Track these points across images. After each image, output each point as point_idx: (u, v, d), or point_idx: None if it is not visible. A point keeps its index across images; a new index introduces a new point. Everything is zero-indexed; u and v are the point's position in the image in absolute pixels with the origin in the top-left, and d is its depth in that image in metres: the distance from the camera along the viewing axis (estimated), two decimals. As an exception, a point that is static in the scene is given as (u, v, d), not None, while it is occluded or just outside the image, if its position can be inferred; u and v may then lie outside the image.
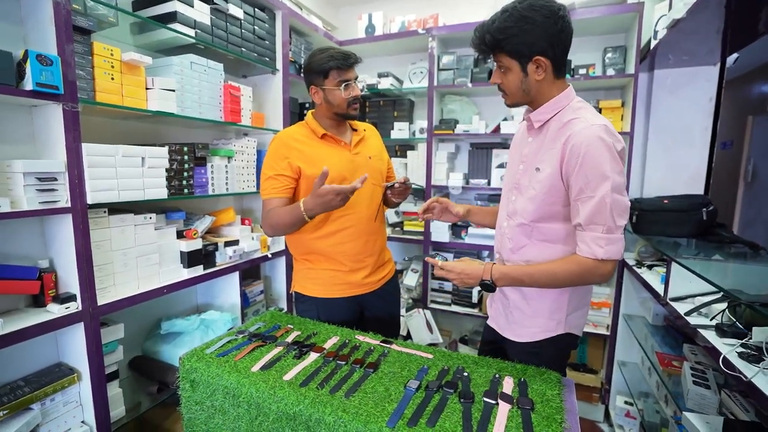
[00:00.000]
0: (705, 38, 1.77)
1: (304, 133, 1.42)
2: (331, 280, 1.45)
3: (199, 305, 2.06)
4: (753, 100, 2.94)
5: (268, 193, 1.36)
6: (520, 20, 0.97)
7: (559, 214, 1.06)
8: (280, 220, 1.31)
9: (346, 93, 1.36)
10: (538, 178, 1.06)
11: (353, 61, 1.37)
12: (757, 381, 0.92)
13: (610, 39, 2.35)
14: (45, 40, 1.18)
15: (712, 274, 1.36)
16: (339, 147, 1.43)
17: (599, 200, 0.95)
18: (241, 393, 1.01)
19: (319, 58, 1.35)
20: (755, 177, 2.90)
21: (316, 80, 1.37)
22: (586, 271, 0.99)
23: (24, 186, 1.14)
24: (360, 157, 1.45)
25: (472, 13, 2.74)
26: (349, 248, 1.43)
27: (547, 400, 0.97)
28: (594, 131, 0.96)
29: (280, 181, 1.36)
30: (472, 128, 2.50)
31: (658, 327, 2.01)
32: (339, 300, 1.45)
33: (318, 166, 1.33)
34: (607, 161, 0.95)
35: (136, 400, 1.70)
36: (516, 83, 1.05)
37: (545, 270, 1.03)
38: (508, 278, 1.05)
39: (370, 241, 1.47)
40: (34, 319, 1.20)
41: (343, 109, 1.38)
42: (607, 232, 0.96)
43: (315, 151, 1.39)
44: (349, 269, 1.44)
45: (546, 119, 1.08)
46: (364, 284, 1.47)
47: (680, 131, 2.26)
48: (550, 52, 1.00)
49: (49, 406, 1.28)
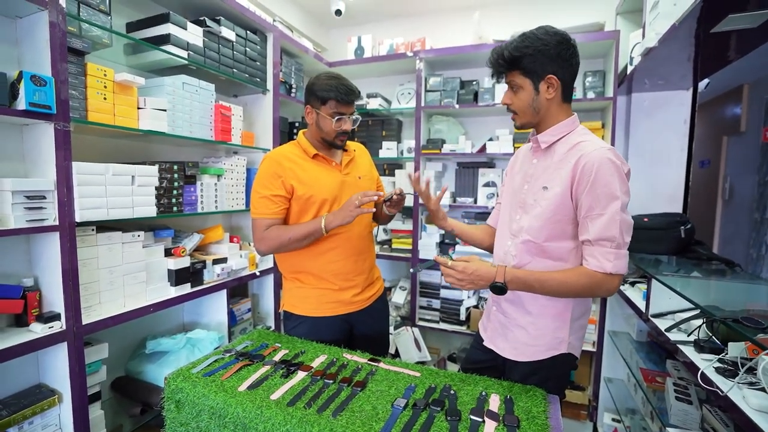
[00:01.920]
0: (677, 65, 1.86)
1: (296, 153, 1.44)
2: (320, 298, 1.45)
3: (186, 324, 2.04)
4: (726, 121, 3.08)
5: (262, 213, 1.37)
6: (537, 41, 1.05)
7: (565, 233, 1.09)
8: (293, 234, 1.34)
9: (337, 125, 1.38)
10: (545, 196, 1.10)
11: (353, 98, 1.39)
12: (733, 395, 0.95)
13: (589, 64, 2.45)
14: (40, 61, 1.20)
15: (690, 290, 1.41)
16: (330, 167, 1.45)
17: (610, 218, 1.00)
18: (227, 413, 1.01)
19: (323, 84, 1.36)
20: (732, 194, 3.01)
21: (314, 102, 1.39)
22: (595, 283, 1.02)
23: (12, 204, 1.14)
24: (350, 177, 1.47)
25: (457, 37, 2.84)
26: (339, 267, 1.44)
27: (533, 417, 0.98)
28: (604, 153, 1.02)
29: (275, 202, 1.37)
30: (458, 148, 2.57)
31: (642, 343, 2.04)
32: (328, 318, 1.45)
33: (310, 186, 1.37)
34: (617, 181, 1.00)
35: (117, 422, 1.66)
36: (527, 101, 1.11)
37: (556, 278, 1.05)
38: (519, 281, 1.06)
39: (360, 260, 1.48)
40: (16, 339, 1.18)
41: (330, 138, 1.41)
42: (616, 248, 1.00)
43: (306, 171, 1.41)
44: (339, 288, 1.45)
45: (553, 141, 1.13)
46: (353, 302, 1.48)
47: (658, 152, 2.36)
48: (560, 74, 1.07)
49: (27, 429, 1.24)
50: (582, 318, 1.19)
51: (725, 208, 3.09)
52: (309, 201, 1.38)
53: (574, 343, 1.17)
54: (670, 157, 2.33)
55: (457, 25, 2.90)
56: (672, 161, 2.33)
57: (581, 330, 1.20)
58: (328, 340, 1.42)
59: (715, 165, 3.19)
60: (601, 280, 1.01)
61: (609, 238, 1.00)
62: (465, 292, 2.56)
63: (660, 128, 2.34)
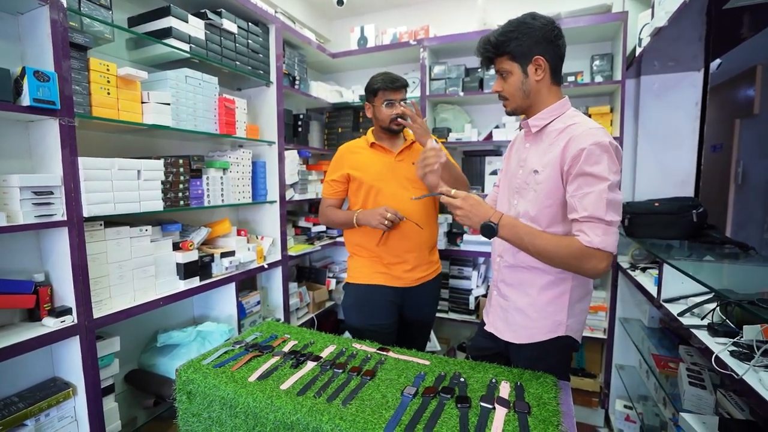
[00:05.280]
0: (688, 45, 1.81)
1: (360, 144, 1.71)
2: (372, 267, 1.64)
3: (196, 317, 2.06)
4: (739, 103, 3.00)
5: (324, 194, 1.74)
6: (521, 25, 1.09)
7: (557, 217, 1.10)
8: (335, 218, 1.69)
9: (389, 110, 1.59)
10: (537, 179, 1.11)
11: (399, 85, 1.59)
12: (749, 378, 0.93)
13: (597, 47, 2.40)
14: (42, 57, 1.20)
15: (703, 274, 1.38)
16: (384, 154, 1.66)
17: (597, 196, 0.99)
18: (238, 403, 1.01)
19: (373, 80, 1.62)
20: (745, 179, 2.94)
21: (369, 97, 1.65)
22: (582, 254, 1.01)
23: (20, 200, 1.14)
24: (404, 163, 1.65)
25: (462, 24, 2.80)
26: (388, 244, 1.61)
27: (544, 403, 0.97)
28: (594, 133, 1.02)
29: (333, 186, 1.70)
30: (464, 136, 2.54)
31: (654, 329, 2.02)
32: (379, 288, 1.61)
33: (361, 170, 1.64)
34: (606, 160, 1.00)
35: (132, 414, 1.69)
36: (516, 85, 1.12)
37: (545, 237, 1.05)
38: (511, 227, 1.07)
39: (413, 239, 1.61)
40: (29, 333, 1.20)
41: (386, 124, 1.61)
42: (605, 225, 0.99)
43: (363, 158, 1.66)
44: (388, 262, 1.62)
45: (543, 124, 1.14)
46: (402, 278, 1.62)
47: (669, 135, 2.31)
48: (548, 55, 1.09)
49: (43, 421, 1.26)
50: (582, 302, 1.19)
51: (738, 193, 3.03)
52: (360, 183, 1.63)
53: (573, 326, 1.17)
54: (681, 141, 2.28)
55: (461, 12, 2.85)
56: (683, 144, 2.28)
57: (582, 314, 1.20)
58: (377, 306, 1.60)
59: (727, 149, 3.12)
60: (588, 253, 1.00)
61: (597, 215, 0.99)
62: (474, 281, 2.55)
63: (670, 111, 2.29)
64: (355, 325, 1.63)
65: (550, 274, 1.15)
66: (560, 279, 1.15)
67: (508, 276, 1.23)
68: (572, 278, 1.14)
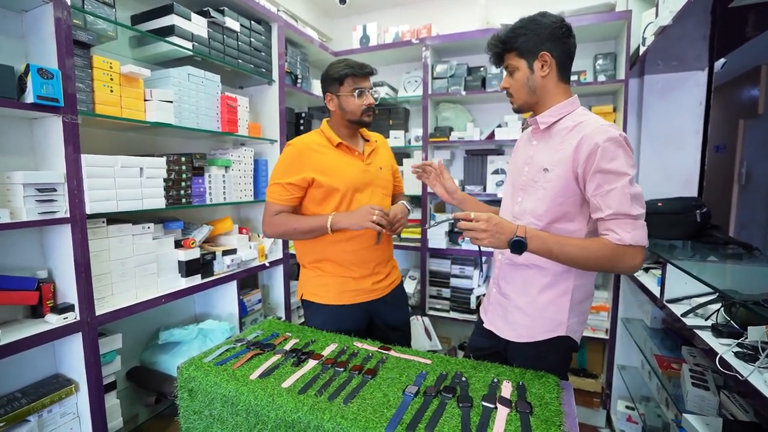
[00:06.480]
0: (692, 44, 1.80)
1: (319, 141, 1.45)
2: (340, 286, 1.47)
3: (197, 315, 2.06)
4: (743, 103, 2.99)
5: (273, 198, 1.41)
6: (530, 22, 1.10)
7: (569, 214, 1.09)
8: (298, 225, 1.39)
9: (360, 100, 1.40)
10: (547, 178, 1.09)
11: (368, 71, 1.43)
12: (753, 380, 0.92)
13: (600, 46, 2.39)
14: (46, 55, 1.21)
15: (707, 275, 1.37)
16: (353, 157, 1.46)
17: (620, 192, 0.98)
18: (239, 401, 1.01)
19: (336, 67, 1.41)
20: (749, 180, 2.92)
21: (331, 87, 1.43)
22: (615, 254, 0.99)
23: (24, 197, 1.15)
24: (372, 167, 1.49)
25: (464, 23, 2.79)
26: (360, 255, 1.45)
27: (546, 403, 0.97)
28: (606, 129, 1.01)
29: (288, 190, 1.40)
30: (466, 135, 2.53)
31: (656, 330, 2.01)
32: (349, 307, 1.47)
33: (332, 176, 1.39)
34: (622, 155, 0.99)
35: (133, 411, 1.69)
36: (522, 80, 1.13)
37: (576, 243, 1.03)
38: (539, 240, 1.02)
39: (380, 248, 1.49)
40: (32, 329, 1.20)
41: (357, 116, 1.42)
42: (633, 220, 0.99)
43: (330, 159, 1.42)
44: (359, 275, 1.47)
45: (552, 122, 1.13)
46: (373, 290, 1.49)
47: (672, 135, 2.30)
48: (554, 52, 1.09)
49: (46, 417, 1.27)
50: (583, 303, 1.18)
51: (741, 193, 3.01)
52: (331, 190, 1.40)
53: (573, 327, 1.16)
54: (685, 141, 2.27)
55: (464, 10, 2.84)
56: (686, 144, 2.27)
57: (583, 315, 1.19)
58: (347, 329, 1.42)
59: (731, 149, 3.10)
60: (621, 252, 0.99)
61: (623, 211, 0.98)
62: (475, 281, 2.54)
63: (674, 111, 2.28)
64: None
65: (552, 273, 1.14)
66: (562, 278, 1.14)
67: (509, 273, 1.22)
68: (574, 277, 1.13)
